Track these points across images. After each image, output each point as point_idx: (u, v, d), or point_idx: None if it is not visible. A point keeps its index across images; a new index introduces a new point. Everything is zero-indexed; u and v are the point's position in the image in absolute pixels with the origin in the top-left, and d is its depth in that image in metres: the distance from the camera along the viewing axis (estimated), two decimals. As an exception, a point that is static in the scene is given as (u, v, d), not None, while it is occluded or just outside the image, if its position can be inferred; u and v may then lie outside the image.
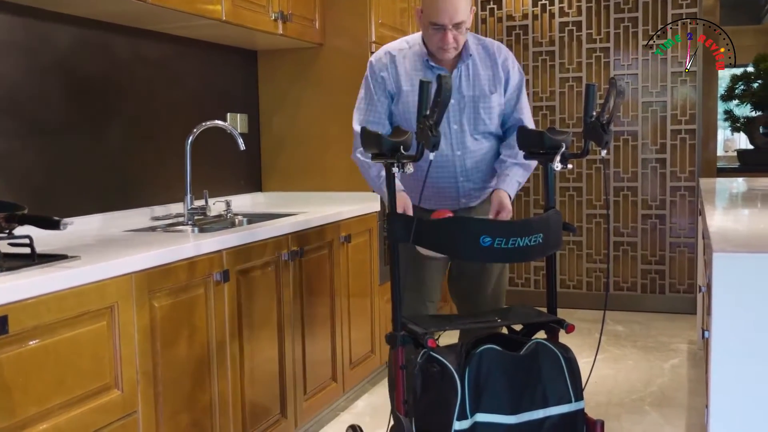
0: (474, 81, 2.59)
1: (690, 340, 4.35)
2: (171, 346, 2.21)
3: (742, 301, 1.57)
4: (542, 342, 2.21)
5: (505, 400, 2.09)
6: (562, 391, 2.16)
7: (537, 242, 2.13)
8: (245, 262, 2.54)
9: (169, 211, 3.13)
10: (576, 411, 2.16)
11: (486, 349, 2.11)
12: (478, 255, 2.18)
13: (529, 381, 2.13)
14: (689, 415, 3.23)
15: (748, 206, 2.87)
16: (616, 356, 4.09)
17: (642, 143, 5.06)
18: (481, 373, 2.09)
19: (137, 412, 2.07)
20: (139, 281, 2.07)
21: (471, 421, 2.06)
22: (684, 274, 5.04)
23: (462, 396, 2.06)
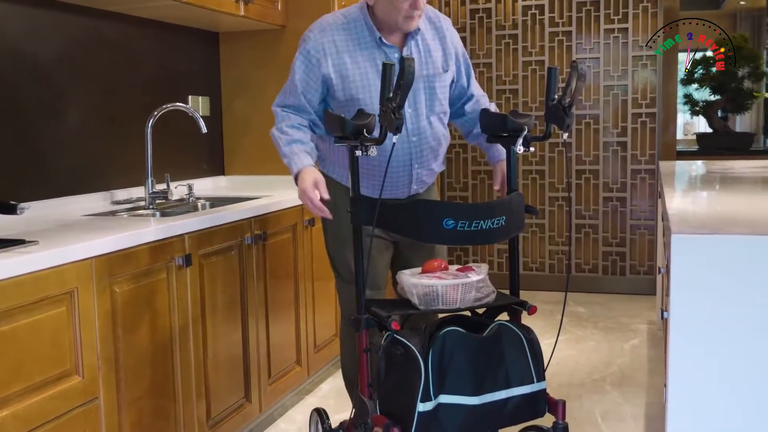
0: (426, 58, 2.47)
1: (650, 321, 4.43)
2: (133, 332, 2.18)
3: (699, 282, 1.60)
4: (505, 323, 2.22)
5: (468, 382, 2.10)
6: (525, 372, 2.17)
7: (500, 225, 2.15)
8: (208, 247, 2.52)
9: (130, 195, 3.08)
10: (538, 391, 2.19)
11: (449, 330, 2.12)
12: (441, 237, 2.17)
13: (491, 362, 2.14)
14: (648, 394, 3.29)
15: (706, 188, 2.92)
16: (577, 337, 4.15)
17: (603, 126, 5.11)
18: (445, 354, 2.09)
19: (98, 399, 2.05)
20: (99, 266, 2.04)
21: (434, 402, 2.07)
22: (644, 256, 5.12)
23: (426, 378, 2.07)
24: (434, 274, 2.23)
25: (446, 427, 2.09)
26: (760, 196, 2.49)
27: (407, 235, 2.28)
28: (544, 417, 2.20)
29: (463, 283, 2.19)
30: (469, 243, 2.37)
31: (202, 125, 2.99)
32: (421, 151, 2.49)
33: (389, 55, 2.42)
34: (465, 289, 2.19)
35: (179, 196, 3.17)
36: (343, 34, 2.43)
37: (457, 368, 2.10)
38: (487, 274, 2.27)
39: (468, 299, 2.20)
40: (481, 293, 2.22)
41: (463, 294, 2.18)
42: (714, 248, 1.60)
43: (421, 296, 2.19)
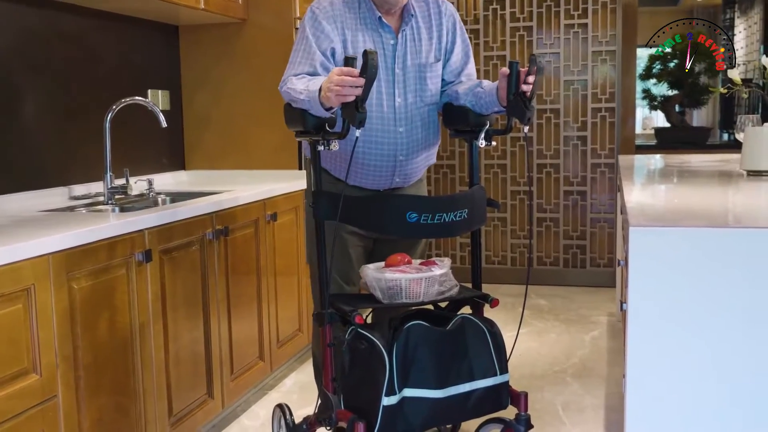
0: (418, 46, 2.42)
1: (609, 313, 4.49)
2: (92, 329, 2.15)
3: (657, 274, 1.63)
4: (468, 317, 2.25)
5: (433, 375, 2.12)
6: (488, 365, 2.20)
7: (462, 218, 2.16)
8: (168, 242, 2.49)
9: (88, 191, 3.04)
10: (501, 384, 2.22)
11: (414, 324, 2.13)
12: (405, 231, 2.18)
13: (455, 355, 2.17)
14: (608, 384, 3.34)
15: (664, 182, 2.96)
16: (539, 329, 4.19)
17: (564, 121, 5.16)
18: (409, 348, 2.11)
19: (57, 397, 2.02)
20: (57, 262, 2.01)
21: (399, 396, 2.08)
22: (604, 249, 5.19)
23: (390, 372, 2.08)
24: (397, 268, 2.24)
25: (411, 421, 2.10)
26: (717, 190, 2.54)
27: (371, 229, 2.28)
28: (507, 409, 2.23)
29: (426, 276, 2.20)
30: (432, 236, 2.36)
31: (162, 119, 2.95)
32: (408, 142, 2.42)
33: (385, 39, 2.38)
34: (428, 283, 2.20)
35: (139, 192, 3.13)
36: (346, 10, 2.36)
37: (421, 362, 2.11)
38: (449, 268, 2.27)
39: (431, 293, 2.21)
40: (444, 287, 2.23)
41: (426, 288, 2.20)
42: (671, 240, 1.62)
43: (385, 290, 2.20)
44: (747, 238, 1.59)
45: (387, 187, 2.49)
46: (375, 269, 2.26)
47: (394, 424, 2.09)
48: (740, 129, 2.97)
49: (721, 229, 1.64)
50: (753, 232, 1.60)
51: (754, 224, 1.69)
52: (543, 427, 2.91)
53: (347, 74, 1.97)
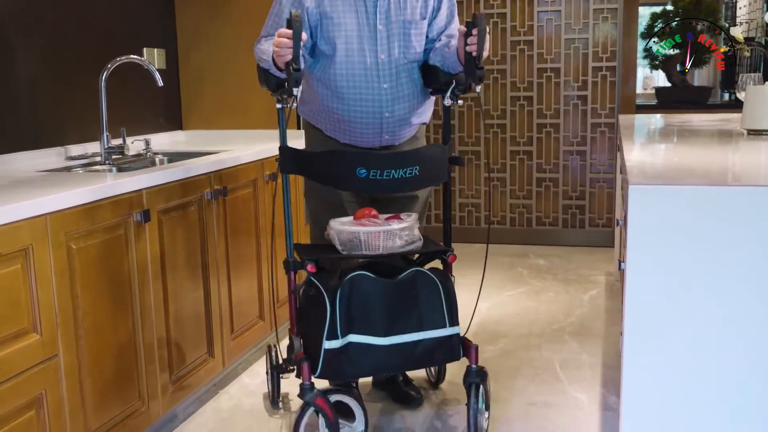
0: (403, 3, 2.43)
1: (608, 272, 4.51)
2: (91, 289, 2.16)
3: (656, 232, 1.62)
4: (421, 270, 2.35)
5: (378, 323, 2.24)
6: (437, 317, 2.32)
7: (413, 174, 2.24)
8: (166, 202, 2.49)
9: (85, 151, 3.02)
10: (451, 335, 2.33)
11: (357, 275, 2.26)
12: (355, 185, 2.30)
13: (403, 306, 2.28)
14: (605, 343, 3.36)
15: (664, 141, 2.95)
16: (537, 289, 4.21)
17: (564, 80, 5.12)
18: (353, 296, 2.23)
19: (58, 356, 2.03)
20: (55, 222, 2.00)
21: (344, 341, 2.23)
22: (603, 209, 5.19)
23: (332, 317, 2.22)
24: (360, 221, 2.36)
25: (355, 365, 2.24)
26: (717, 149, 2.53)
27: (326, 183, 2.37)
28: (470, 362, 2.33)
29: (384, 230, 2.30)
30: (382, 191, 2.45)
31: (158, 78, 2.92)
32: (393, 99, 2.45)
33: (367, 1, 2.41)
34: (386, 236, 2.30)
35: (136, 152, 3.11)
36: None
37: (366, 310, 2.24)
38: (415, 223, 2.38)
39: (390, 246, 2.31)
40: (403, 241, 2.33)
41: (385, 241, 2.30)
42: (670, 199, 1.62)
43: (345, 242, 2.32)
44: (746, 197, 1.59)
45: (378, 144, 2.52)
46: (340, 222, 2.37)
47: (338, 367, 2.24)
48: (741, 88, 2.95)
49: (720, 187, 1.63)
50: (753, 191, 1.59)
51: (754, 182, 1.68)
52: (540, 384, 2.94)
53: (283, 35, 2.12)
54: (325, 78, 2.45)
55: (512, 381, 2.98)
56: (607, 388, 2.90)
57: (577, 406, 2.75)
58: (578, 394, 2.85)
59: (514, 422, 2.63)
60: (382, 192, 2.52)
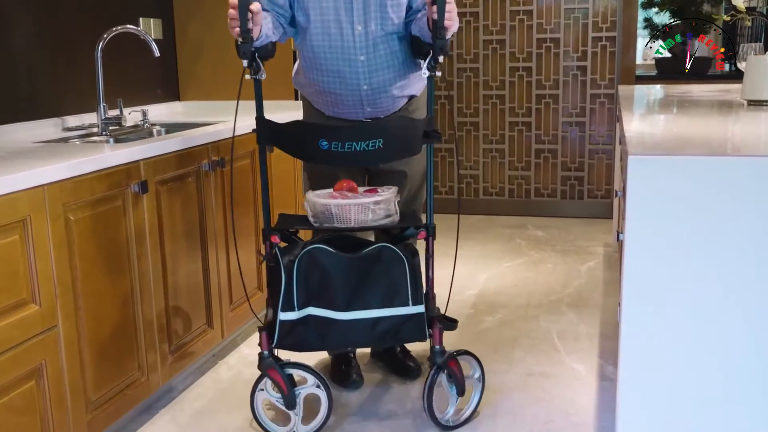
0: None
1: (606, 244, 4.52)
2: (90, 260, 2.16)
3: (654, 203, 1.62)
4: (388, 246, 2.30)
5: (338, 298, 2.24)
6: (402, 295, 2.28)
7: (376, 147, 2.20)
8: (164, 173, 2.48)
9: (82, 122, 3.01)
10: (414, 314, 2.29)
11: (315, 248, 2.25)
12: (318, 157, 2.27)
13: (366, 282, 2.26)
14: (603, 313, 3.38)
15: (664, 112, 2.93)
16: (535, 260, 4.22)
17: (563, 50, 5.09)
18: (311, 269, 2.24)
19: (57, 327, 2.04)
20: (52, 193, 2.00)
21: (302, 313, 2.25)
22: (602, 180, 5.19)
23: (287, 288, 2.23)
24: (336, 193, 2.32)
25: (314, 337, 2.26)
26: (716, 119, 2.51)
27: (293, 154, 2.36)
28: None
29: (355, 203, 2.27)
30: (345, 164, 2.40)
31: (155, 48, 2.90)
32: (371, 71, 2.42)
33: None
34: (358, 210, 2.27)
35: (133, 123, 3.10)
36: None
37: (326, 283, 2.24)
38: (394, 197, 2.34)
39: (362, 220, 2.28)
40: (376, 215, 2.29)
41: (357, 214, 2.27)
42: (670, 169, 1.61)
43: (318, 214, 2.30)
44: (746, 167, 1.58)
45: (362, 117, 2.51)
46: (315, 194, 2.35)
47: (296, 339, 2.26)
48: (742, 58, 2.93)
49: (720, 157, 1.63)
50: (752, 161, 1.59)
51: (753, 153, 1.67)
52: (538, 354, 2.96)
53: (232, 7, 2.12)
54: (304, 50, 2.46)
55: (510, 351, 2.99)
56: (604, 358, 2.91)
57: (575, 376, 2.77)
58: (576, 365, 2.86)
59: (512, 393, 2.65)
60: (344, 165, 2.48)
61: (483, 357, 2.93)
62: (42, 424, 2.00)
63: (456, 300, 3.55)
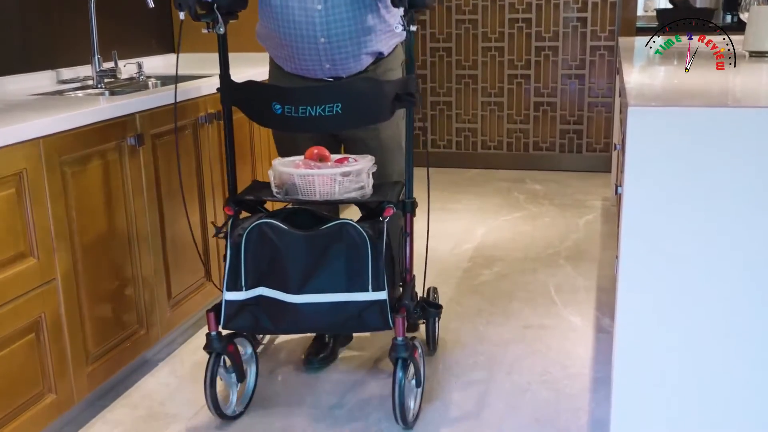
0: None
1: (604, 197, 4.51)
2: (88, 214, 2.15)
3: (654, 154, 1.61)
4: (350, 223, 2.06)
5: (290, 279, 2.03)
6: (360, 279, 2.05)
7: (334, 112, 2.01)
8: (160, 126, 2.46)
9: (76, 74, 2.97)
10: (375, 302, 2.06)
11: (263, 223, 2.05)
12: (272, 122, 2.10)
13: (322, 262, 2.04)
14: (600, 267, 3.39)
15: (664, 64, 2.90)
16: (533, 214, 4.22)
17: (563, 2, 5.02)
18: (261, 246, 2.04)
19: (56, 280, 2.04)
20: (48, 146, 1.98)
21: (252, 293, 2.07)
22: (601, 134, 5.16)
23: (232, 267, 2.06)
24: (302, 162, 2.12)
25: (268, 319, 2.08)
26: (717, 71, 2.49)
27: (251, 118, 2.19)
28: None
29: (319, 174, 2.04)
30: (300, 130, 2.20)
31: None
32: (328, 23, 2.22)
33: None
34: (323, 181, 2.04)
35: (129, 75, 3.06)
36: None
37: (277, 263, 2.03)
38: (368, 168, 2.12)
39: (327, 192, 2.06)
40: (344, 187, 2.07)
41: (321, 186, 2.05)
42: (670, 121, 1.60)
43: (281, 185, 2.10)
44: (747, 118, 1.57)
45: (323, 76, 2.32)
46: (281, 162, 2.15)
47: (245, 321, 2.09)
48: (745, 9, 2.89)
49: (720, 108, 1.61)
50: (753, 112, 1.58)
51: (754, 104, 1.66)
52: (536, 308, 2.97)
53: None
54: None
55: (507, 304, 3.01)
56: (601, 311, 2.93)
57: (572, 328, 2.79)
58: (573, 317, 2.88)
59: (509, 345, 2.67)
60: (300, 131, 2.27)
61: (480, 310, 2.96)
62: (43, 377, 2.02)
63: (453, 254, 3.56)
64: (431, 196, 4.21)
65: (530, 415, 2.23)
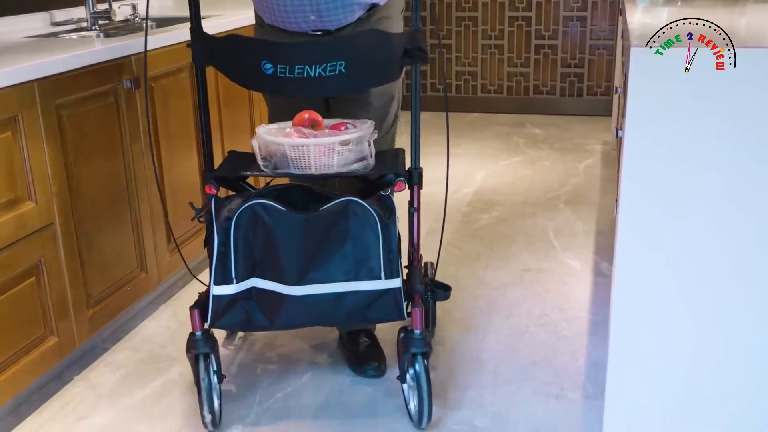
0: None
1: (604, 141, 4.49)
2: (85, 157, 2.14)
3: (656, 96, 1.59)
4: (357, 201, 1.80)
5: (288, 268, 1.77)
6: (371, 265, 1.80)
7: (337, 72, 1.71)
8: (156, 69, 2.43)
9: (70, 16, 2.92)
10: (388, 290, 1.81)
11: (256, 203, 1.76)
12: (262, 85, 1.78)
13: (325, 247, 1.79)
14: (600, 211, 3.39)
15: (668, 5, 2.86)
16: (533, 158, 4.21)
17: (566, -59, 4.92)
18: (254, 231, 1.77)
19: (54, 224, 2.04)
20: (43, 89, 1.96)
21: (242, 286, 1.79)
22: (602, 77, 5.11)
23: (221, 256, 1.78)
24: (293, 129, 1.84)
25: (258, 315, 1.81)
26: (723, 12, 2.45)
27: (234, 79, 1.85)
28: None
29: (315, 143, 1.77)
30: (296, 93, 1.84)
31: (143, -62, 2.79)
32: None
33: None
34: (319, 152, 1.78)
35: (123, 17, 3.01)
36: None
37: (272, 250, 1.77)
38: (369, 135, 1.85)
39: (324, 164, 1.79)
40: (344, 158, 1.80)
41: (317, 158, 1.78)
42: (672, 62, 1.58)
43: (271, 156, 1.82)
44: (751, 59, 1.54)
45: (307, 29, 1.99)
46: (268, 130, 1.86)
47: (236, 318, 1.82)
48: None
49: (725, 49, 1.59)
50: (759, 53, 1.55)
51: (759, 44, 1.63)
52: (535, 251, 2.98)
53: None
54: None
55: (507, 248, 3.02)
56: (600, 254, 2.94)
57: (570, 272, 2.80)
58: (571, 261, 2.89)
59: (507, 288, 2.69)
60: (296, 94, 1.93)
61: (479, 254, 2.97)
62: (44, 320, 2.03)
63: (453, 198, 3.56)
64: (431, 140, 4.19)
65: (528, 357, 2.26)
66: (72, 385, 2.17)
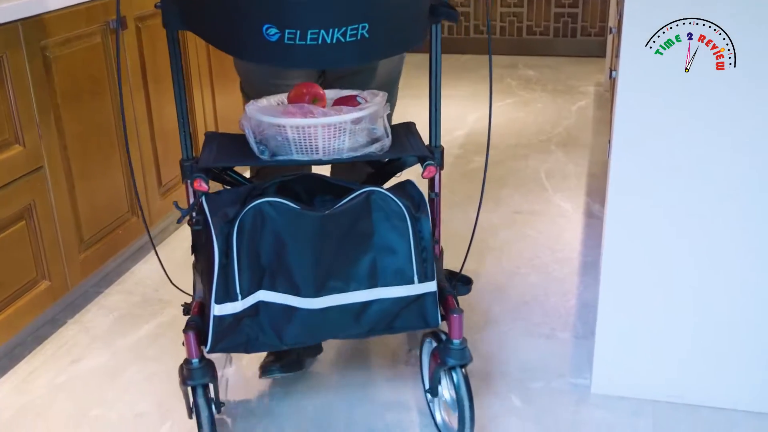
0: None
1: (597, 83, 4.46)
2: (73, 99, 2.11)
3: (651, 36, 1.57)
4: (381, 192, 1.53)
5: (303, 278, 1.49)
6: (400, 267, 1.53)
7: (359, 36, 1.37)
8: (143, 9, 2.38)
9: (53, -46, 2.85)
10: (421, 295, 1.55)
11: (264, 203, 1.46)
12: (264, 55, 1.38)
13: (345, 250, 1.51)
14: (592, 152, 3.38)
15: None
16: (526, 100, 4.18)
17: None
18: (262, 236, 1.48)
19: (44, 168, 2.02)
20: (28, 30, 1.92)
21: (248, 301, 1.49)
22: (596, 17, 5.05)
23: (223, 269, 1.47)
24: (292, 106, 1.52)
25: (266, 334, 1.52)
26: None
27: (225, 48, 1.45)
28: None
29: (325, 122, 1.47)
30: (308, 66, 1.51)
31: None
32: None
33: None
34: (329, 133, 1.49)
35: (108, -45, 2.94)
36: None
37: (284, 256, 1.48)
38: (382, 109, 1.57)
39: (336, 147, 1.51)
40: (357, 140, 1.52)
41: (327, 140, 1.50)
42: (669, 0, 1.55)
43: (266, 140, 1.52)
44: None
45: None
46: (260, 107, 1.55)
47: (240, 338, 1.52)
48: None
49: (721, -13, 1.56)
50: (754, -9, 1.53)
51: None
52: (526, 194, 2.99)
53: None
54: None
55: (498, 190, 3.02)
56: (591, 196, 2.95)
57: (561, 213, 2.81)
58: (563, 203, 2.90)
59: (499, 230, 2.70)
60: (309, 67, 1.65)
61: (470, 196, 2.97)
62: (36, 264, 2.03)
63: (445, 140, 3.54)
64: (415, 82, 4.15)
65: (519, 297, 2.27)
66: (66, 328, 2.18)
